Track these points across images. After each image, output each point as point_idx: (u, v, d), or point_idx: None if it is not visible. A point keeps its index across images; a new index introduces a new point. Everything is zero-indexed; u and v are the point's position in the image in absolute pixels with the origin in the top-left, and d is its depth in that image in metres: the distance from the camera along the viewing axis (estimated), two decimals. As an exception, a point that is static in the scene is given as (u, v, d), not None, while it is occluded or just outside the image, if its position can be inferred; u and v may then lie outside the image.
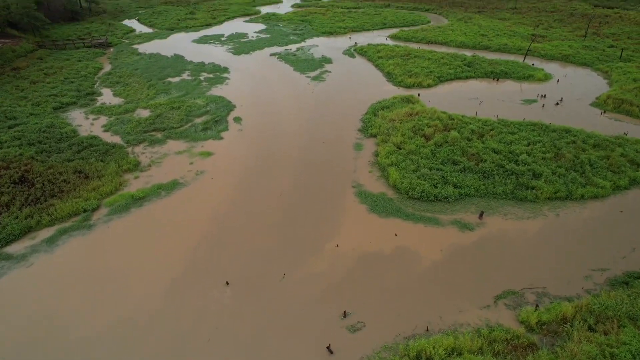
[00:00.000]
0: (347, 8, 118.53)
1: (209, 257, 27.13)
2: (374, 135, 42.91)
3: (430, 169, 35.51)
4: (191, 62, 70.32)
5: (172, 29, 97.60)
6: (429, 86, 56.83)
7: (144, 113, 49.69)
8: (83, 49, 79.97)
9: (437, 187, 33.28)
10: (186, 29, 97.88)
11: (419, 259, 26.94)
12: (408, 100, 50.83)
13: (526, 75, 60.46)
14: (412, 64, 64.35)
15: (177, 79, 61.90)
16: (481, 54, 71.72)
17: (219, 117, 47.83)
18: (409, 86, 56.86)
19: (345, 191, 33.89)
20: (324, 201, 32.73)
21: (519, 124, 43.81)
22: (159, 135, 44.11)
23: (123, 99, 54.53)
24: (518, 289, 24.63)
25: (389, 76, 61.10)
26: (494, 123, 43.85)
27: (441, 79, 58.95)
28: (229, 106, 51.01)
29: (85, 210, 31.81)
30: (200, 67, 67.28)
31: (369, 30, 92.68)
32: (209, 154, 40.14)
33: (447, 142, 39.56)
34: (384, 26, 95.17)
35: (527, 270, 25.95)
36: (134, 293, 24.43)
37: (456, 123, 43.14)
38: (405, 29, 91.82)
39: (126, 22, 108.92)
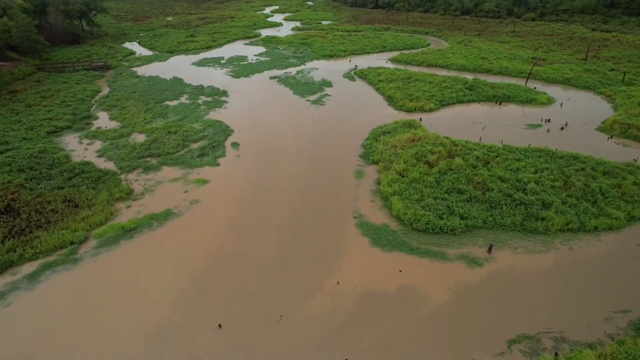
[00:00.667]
0: (347, 31, 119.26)
1: (199, 298, 25.32)
2: (375, 162, 41.56)
3: (435, 199, 33.99)
4: (190, 85, 69.71)
5: (172, 52, 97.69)
6: (430, 110, 55.86)
7: (140, 138, 48.51)
8: (82, 71, 79.62)
9: (442, 219, 31.70)
10: (186, 51, 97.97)
11: (425, 299, 25.14)
12: (410, 125, 49.72)
13: (529, 99, 59.62)
14: (413, 87, 63.62)
15: (175, 103, 61.03)
16: (482, 77, 71.18)
17: (216, 142, 46.60)
18: (410, 110, 55.88)
19: (346, 222, 32.29)
20: (324, 234, 31.10)
21: (525, 150, 42.54)
22: (153, 161, 42.77)
23: (119, 123, 53.46)
24: (533, 333, 22.76)
25: (390, 100, 60.23)
26: (499, 149, 42.58)
27: (443, 103, 58.05)
28: (226, 131, 49.87)
29: (72, 243, 30.16)
30: (199, 90, 66.58)
31: (369, 53, 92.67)
32: (204, 181, 38.69)
33: (451, 169, 38.17)
34: (384, 49, 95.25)
35: (542, 311, 24.13)
36: (115, 339, 22.55)
37: (460, 149, 41.86)
38: (406, 52, 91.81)
39: (127, 44, 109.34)
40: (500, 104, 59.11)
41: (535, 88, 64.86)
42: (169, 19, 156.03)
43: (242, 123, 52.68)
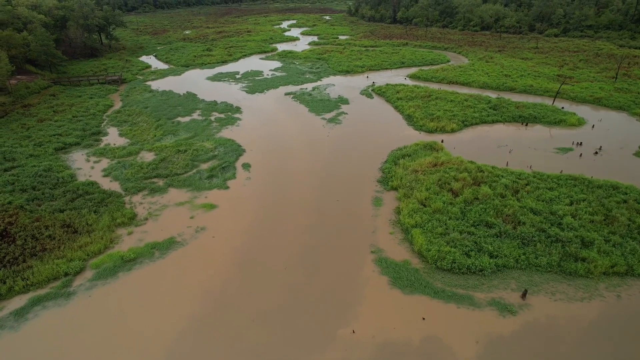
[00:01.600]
0: (365, 46, 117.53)
1: (193, 349, 22.70)
2: (394, 188, 38.77)
3: (461, 233, 30.96)
4: (203, 100, 68.30)
5: (188, 66, 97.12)
6: (452, 131, 52.95)
7: (148, 156, 46.77)
8: (97, 85, 79.22)
9: (469, 256, 28.64)
10: (201, 65, 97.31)
11: (451, 353, 22.06)
12: (431, 147, 46.88)
13: (557, 120, 56.19)
14: (433, 106, 60.88)
15: (187, 119, 59.49)
16: (506, 95, 68.05)
17: (226, 162, 44.50)
18: (431, 131, 53.07)
19: (363, 258, 29.47)
20: (338, 271, 28.32)
21: (557, 177, 39.21)
22: (160, 182, 40.80)
23: (128, 140, 51.96)
24: (581, 403, 19.49)
25: (410, 119, 57.54)
26: (529, 176, 39.35)
27: (465, 123, 55.10)
28: (238, 150, 47.80)
29: (66, 274, 28.06)
30: (212, 106, 65.04)
31: (387, 69, 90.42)
32: (212, 206, 36.42)
33: (477, 198, 35.12)
34: (402, 65, 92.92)
35: (590, 376, 20.84)
36: (104, 392, 20.10)
37: (486, 176, 38.80)
38: (425, 68, 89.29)
39: (144, 58, 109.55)
40: (526, 124, 55.84)
41: (563, 108, 61.40)
42: (187, 32, 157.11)
43: (254, 142, 50.60)
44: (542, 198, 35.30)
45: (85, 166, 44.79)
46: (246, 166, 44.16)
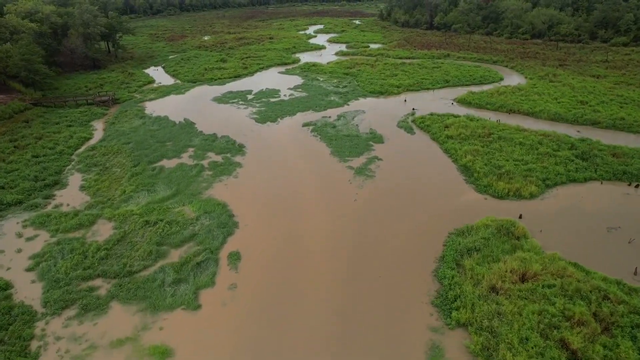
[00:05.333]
0: (400, 57, 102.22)
1: None
2: (463, 325, 23.83)
3: None
4: (201, 133, 55.00)
5: (195, 81, 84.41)
6: (531, 196, 37.47)
7: (105, 230, 33.55)
8: (85, 106, 67.36)
9: None
10: (210, 81, 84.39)
11: None
12: (508, 230, 31.62)
13: (680, 179, 39.88)
14: (497, 151, 45.41)
15: (173, 163, 46.18)
16: (589, 132, 51.79)
17: (207, 251, 30.60)
18: (501, 195, 37.73)
19: None
20: None
21: None
22: (103, 289, 27.29)
23: (88, 198, 38.92)
24: None
25: (468, 173, 42.24)
26: (690, 309, 23.65)
27: (547, 183, 39.45)
28: (227, 225, 33.84)
29: None
30: (210, 142, 51.60)
31: (428, 89, 74.95)
32: (165, 352, 22.53)
33: (618, 370, 19.89)
34: (446, 84, 77.18)
35: None
36: None
37: (617, 307, 23.33)
38: (474, 89, 73.37)
39: (151, 69, 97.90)
40: (636, 185, 39.70)
41: (679, 157, 44.75)
42: (206, 38, 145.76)
43: (253, 208, 36.67)
44: None
45: (8, 249, 31.82)
46: (233, 259, 30.04)
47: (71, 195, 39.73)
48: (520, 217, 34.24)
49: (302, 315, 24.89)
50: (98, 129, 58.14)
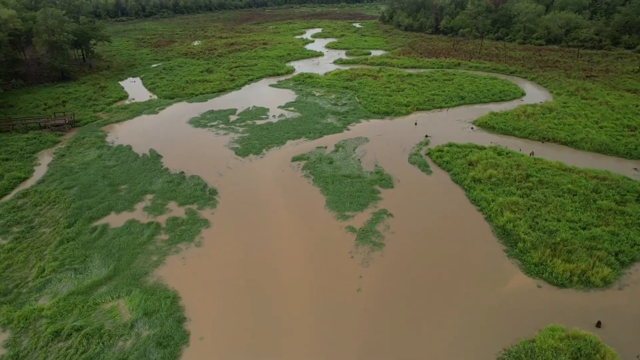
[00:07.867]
0: (405, 67, 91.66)
1: None
2: None
3: None
4: (166, 171, 44.37)
5: (173, 97, 73.69)
6: (605, 282, 26.87)
7: (-6, 347, 22.95)
8: (36, 131, 56.76)
9: None
10: (191, 97, 73.70)
11: None
12: (583, 353, 21.03)
13: None
14: (542, 205, 34.79)
15: (122, 219, 35.51)
16: (651, 172, 41.32)
17: (132, 397, 20.02)
18: (561, 282, 27.05)
19: None
20: None
21: None
22: None
23: (-8, 282, 28.32)
24: None
25: (508, 240, 31.46)
26: None
27: (622, 259, 28.84)
28: (172, 341, 23.14)
29: None
30: (174, 186, 40.95)
31: (441, 107, 64.41)
32: None
33: None
34: (461, 101, 66.58)
35: None
36: None
37: None
38: (494, 107, 62.86)
39: (128, 81, 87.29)
40: None
41: None
42: (195, 43, 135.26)
43: (214, 308, 25.93)
44: None
45: None
46: (171, 417, 19.45)
47: (-30, 276, 29.08)
48: (598, 324, 23.68)
49: None
50: (42, 163, 47.47)
